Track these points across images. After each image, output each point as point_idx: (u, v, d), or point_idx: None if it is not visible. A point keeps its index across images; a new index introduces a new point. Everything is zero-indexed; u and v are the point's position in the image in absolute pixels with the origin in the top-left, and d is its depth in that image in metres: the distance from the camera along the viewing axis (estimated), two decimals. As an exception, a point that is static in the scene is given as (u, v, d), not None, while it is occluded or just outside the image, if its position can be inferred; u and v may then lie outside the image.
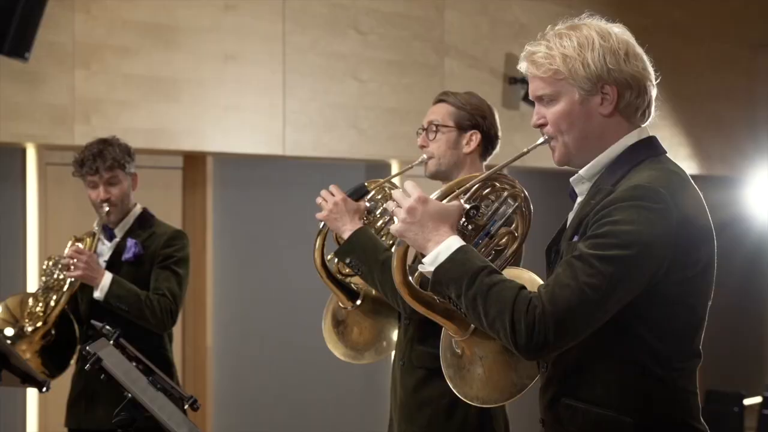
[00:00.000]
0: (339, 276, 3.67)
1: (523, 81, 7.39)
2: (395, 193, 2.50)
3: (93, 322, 4.18)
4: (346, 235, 3.48)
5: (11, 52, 5.28)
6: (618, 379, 2.38)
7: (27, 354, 4.38)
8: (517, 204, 2.59)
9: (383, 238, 3.60)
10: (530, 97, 2.53)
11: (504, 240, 2.59)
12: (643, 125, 2.49)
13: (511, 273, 2.51)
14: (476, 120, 3.60)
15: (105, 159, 4.36)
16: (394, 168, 7.16)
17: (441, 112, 3.64)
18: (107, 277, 4.30)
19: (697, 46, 9.10)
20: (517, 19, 7.59)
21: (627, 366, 2.37)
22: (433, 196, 2.50)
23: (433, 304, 2.56)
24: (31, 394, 5.77)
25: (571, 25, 2.46)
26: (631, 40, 2.47)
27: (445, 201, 2.50)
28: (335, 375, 6.91)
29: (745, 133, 9.62)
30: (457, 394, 2.72)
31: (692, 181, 2.46)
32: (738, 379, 9.28)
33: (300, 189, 6.88)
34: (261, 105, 6.42)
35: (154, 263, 4.41)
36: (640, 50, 2.47)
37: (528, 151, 2.53)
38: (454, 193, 2.52)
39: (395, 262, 2.53)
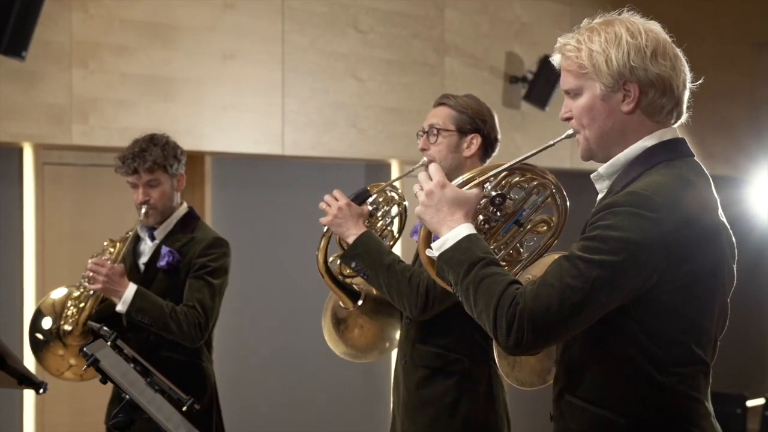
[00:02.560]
0: (341, 277, 3.68)
1: (524, 80, 7.36)
2: (420, 175, 2.54)
3: (90, 323, 4.13)
4: (350, 240, 3.51)
5: (8, 51, 5.25)
6: (614, 380, 2.37)
7: (70, 359, 4.27)
8: (547, 194, 2.59)
9: (384, 239, 3.65)
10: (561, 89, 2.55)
11: (541, 229, 2.61)
12: (671, 125, 2.47)
13: (546, 260, 2.55)
14: (477, 124, 3.63)
15: (145, 160, 4.20)
16: (394, 167, 7.14)
17: (442, 116, 3.65)
18: (130, 290, 4.10)
19: (699, 45, 9.06)
20: (517, 17, 7.55)
21: (623, 368, 2.36)
22: (456, 182, 2.52)
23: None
24: (29, 394, 5.74)
25: (605, 21, 2.46)
26: (665, 39, 2.45)
27: (466, 188, 2.51)
28: (335, 375, 6.89)
29: (748, 133, 9.60)
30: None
31: (707, 186, 2.45)
32: (741, 380, 9.24)
33: (299, 189, 6.86)
34: (260, 104, 6.39)
35: (189, 271, 4.19)
36: (674, 50, 2.45)
37: (554, 144, 2.53)
38: (475, 181, 2.53)
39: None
